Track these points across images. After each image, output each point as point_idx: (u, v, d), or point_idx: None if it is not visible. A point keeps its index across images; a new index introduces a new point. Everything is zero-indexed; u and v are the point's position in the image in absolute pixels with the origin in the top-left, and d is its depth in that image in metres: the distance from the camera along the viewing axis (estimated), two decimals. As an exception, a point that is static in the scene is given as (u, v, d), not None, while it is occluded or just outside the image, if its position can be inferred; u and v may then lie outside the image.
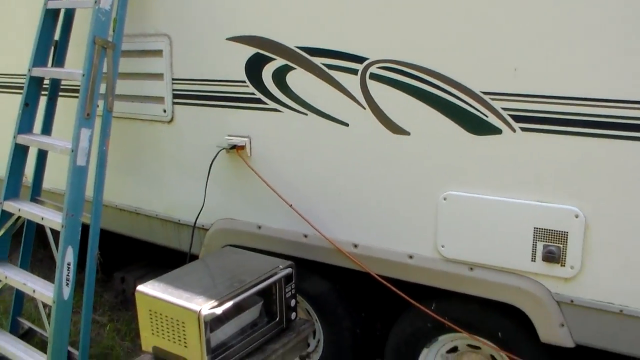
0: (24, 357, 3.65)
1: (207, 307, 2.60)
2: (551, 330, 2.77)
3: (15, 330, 4.09)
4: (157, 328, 2.76)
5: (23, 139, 3.82)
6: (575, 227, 2.60)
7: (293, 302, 3.05)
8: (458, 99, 2.73)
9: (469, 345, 3.19)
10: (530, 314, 2.80)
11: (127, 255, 5.13)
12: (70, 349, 3.58)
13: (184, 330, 2.65)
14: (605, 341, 2.69)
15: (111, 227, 4.27)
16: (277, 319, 3.01)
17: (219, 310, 2.61)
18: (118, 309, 4.81)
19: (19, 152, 3.87)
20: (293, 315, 3.08)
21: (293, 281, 3.03)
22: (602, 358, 2.90)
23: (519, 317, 2.85)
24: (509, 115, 2.64)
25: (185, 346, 2.67)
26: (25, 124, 3.86)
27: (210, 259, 3.21)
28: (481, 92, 2.67)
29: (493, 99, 2.66)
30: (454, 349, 3.25)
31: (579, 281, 2.67)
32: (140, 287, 2.81)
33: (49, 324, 3.50)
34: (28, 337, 4.03)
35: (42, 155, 4.04)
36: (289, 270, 2.98)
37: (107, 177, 3.60)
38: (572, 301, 2.70)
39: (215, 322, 2.69)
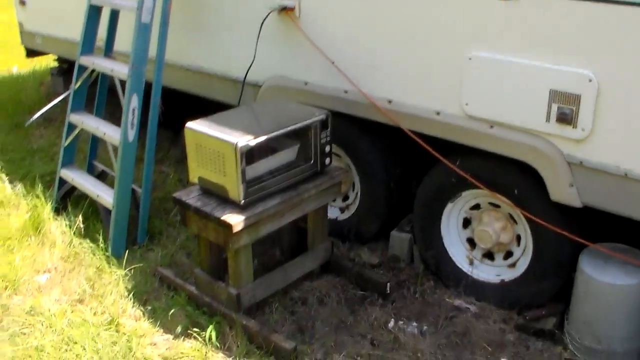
0: (97, 191, 4.16)
1: (243, 140, 2.95)
2: (561, 190, 2.99)
3: (91, 173, 4.59)
4: (202, 160, 3.13)
5: (96, 0, 4.18)
6: (588, 91, 2.76)
7: (328, 149, 3.36)
8: (486, -39, 2.88)
9: (490, 204, 3.44)
10: (542, 172, 3.02)
11: (195, 116, 5.50)
12: (134, 186, 4.05)
13: (223, 161, 3.01)
14: (610, 203, 2.89)
15: (177, 85, 4.63)
16: (312, 162, 3.34)
17: (253, 143, 2.96)
18: (182, 163, 5.24)
19: (93, 12, 4.26)
20: (327, 160, 3.40)
21: (328, 129, 3.33)
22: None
23: (533, 177, 3.07)
24: (534, -21, 2.77)
25: (224, 175, 3.04)
26: (98, -15, 4.21)
27: (256, 105, 3.55)
28: (508, -45, 2.81)
29: (519, -38, 2.79)
30: (476, 207, 3.51)
31: (589, 143, 2.85)
32: (189, 124, 3.18)
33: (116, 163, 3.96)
34: (101, 178, 4.51)
35: (113, 17, 4.37)
36: (323, 116, 3.27)
37: (173, 39, 3.94)
38: (581, 163, 2.89)
39: (251, 156, 3.04)
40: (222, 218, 3.00)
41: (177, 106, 4.70)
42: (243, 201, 3.03)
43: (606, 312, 3.00)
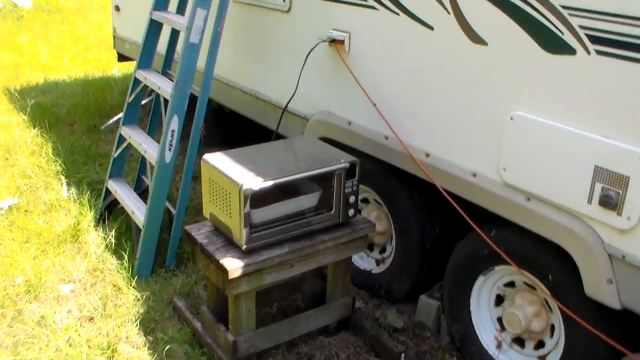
0: (133, 208, 4.10)
1: (249, 182, 2.74)
2: (597, 285, 2.57)
3: (140, 187, 4.55)
4: (213, 196, 2.96)
5: (157, 15, 4.14)
6: (638, 173, 2.36)
7: (352, 199, 3.09)
8: (536, 10, 2.54)
9: (526, 284, 3.06)
10: (577, 260, 2.62)
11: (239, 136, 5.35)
12: (168, 205, 3.95)
13: (230, 201, 2.82)
14: (657, 311, 2.46)
15: (233, 106, 4.54)
16: (333, 211, 3.08)
17: (257, 187, 2.74)
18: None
19: (154, 28, 4.22)
20: (352, 211, 3.12)
21: (355, 177, 3.07)
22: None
23: (572, 263, 2.66)
24: (586, 34, 2.41)
25: (230, 216, 2.85)
26: (161, 1, 4.15)
27: (285, 142, 3.34)
28: (560, 5, 2.46)
29: (571, 15, 2.43)
30: (511, 284, 3.14)
31: (635, 235, 2.43)
32: (206, 156, 3.02)
33: (152, 181, 3.88)
34: (146, 193, 4.44)
35: (174, 35, 4.31)
36: (347, 164, 3.01)
37: (232, 61, 3.78)
38: (624, 257, 2.47)
39: (262, 199, 2.83)
40: (221, 261, 2.81)
41: (224, 123, 4.53)
42: (245, 246, 2.82)
43: None
